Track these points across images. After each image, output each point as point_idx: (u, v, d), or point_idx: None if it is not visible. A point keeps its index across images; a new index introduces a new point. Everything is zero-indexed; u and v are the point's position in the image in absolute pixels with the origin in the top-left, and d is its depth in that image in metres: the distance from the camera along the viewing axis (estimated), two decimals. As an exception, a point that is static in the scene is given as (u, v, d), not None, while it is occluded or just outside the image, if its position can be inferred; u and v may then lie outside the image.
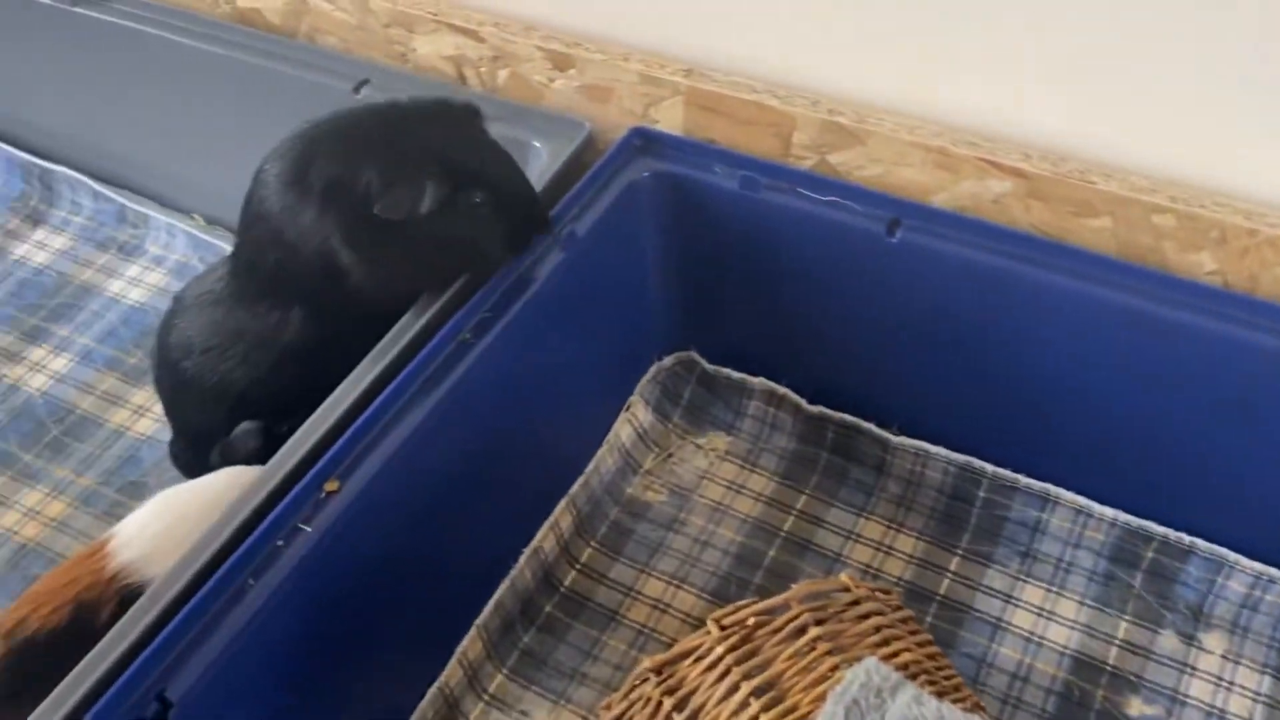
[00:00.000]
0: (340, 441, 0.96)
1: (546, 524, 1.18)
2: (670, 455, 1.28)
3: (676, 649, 0.87)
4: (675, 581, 1.18)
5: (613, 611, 1.16)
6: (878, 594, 0.93)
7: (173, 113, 1.53)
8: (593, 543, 1.21)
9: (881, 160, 1.14)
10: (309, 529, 0.92)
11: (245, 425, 1.10)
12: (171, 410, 1.23)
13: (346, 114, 1.07)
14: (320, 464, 0.94)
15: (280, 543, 0.91)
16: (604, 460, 1.24)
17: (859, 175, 1.17)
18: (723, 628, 0.87)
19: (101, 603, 0.97)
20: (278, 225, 1.04)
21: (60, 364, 1.44)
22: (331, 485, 0.94)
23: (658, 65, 1.22)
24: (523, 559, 1.15)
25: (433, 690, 1.07)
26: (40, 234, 1.62)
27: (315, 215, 1.02)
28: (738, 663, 0.84)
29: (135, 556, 0.98)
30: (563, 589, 1.18)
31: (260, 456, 1.05)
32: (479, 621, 1.11)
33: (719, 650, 0.85)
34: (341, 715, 1.01)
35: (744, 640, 0.86)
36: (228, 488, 1.01)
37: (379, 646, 1.03)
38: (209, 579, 0.87)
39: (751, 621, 0.86)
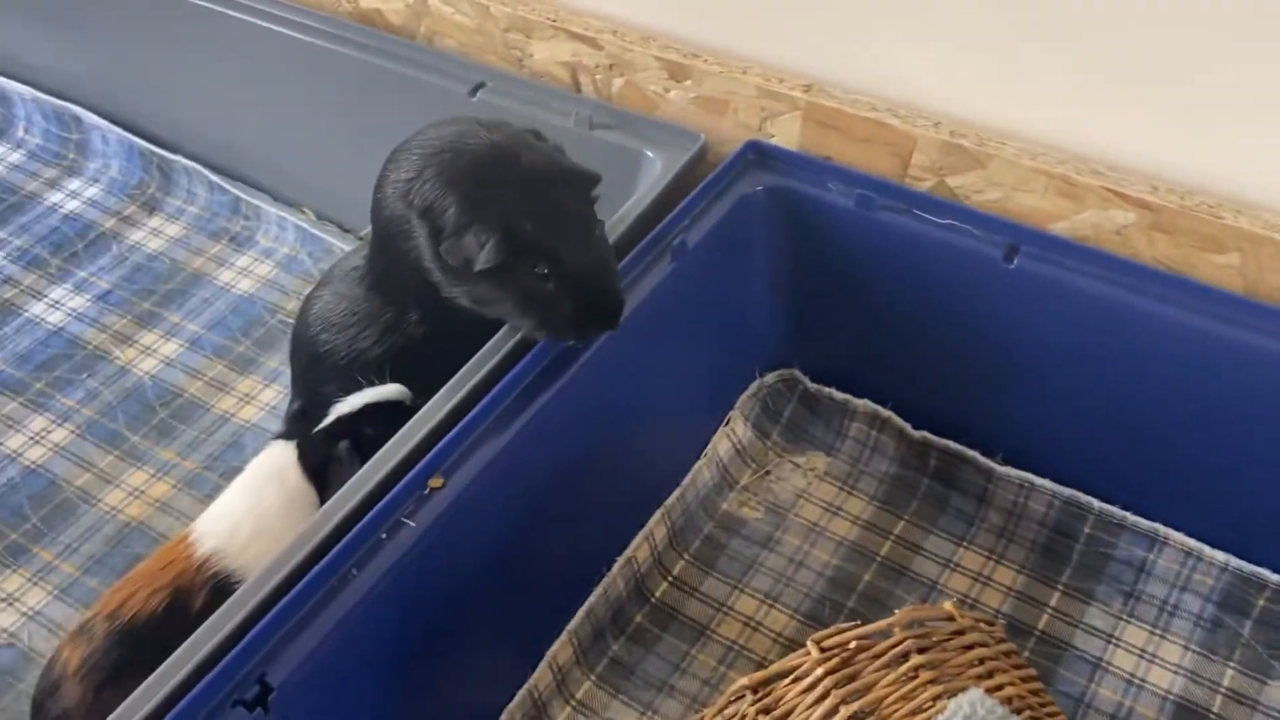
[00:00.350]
0: (446, 439, 0.96)
1: (641, 534, 1.18)
2: (768, 473, 1.27)
3: (774, 668, 0.86)
4: (768, 600, 1.17)
5: (703, 626, 1.15)
6: (981, 625, 0.91)
7: (290, 107, 1.55)
8: (685, 555, 1.21)
9: (1002, 185, 1.12)
10: (412, 524, 0.92)
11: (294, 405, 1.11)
12: (302, 380, 1.23)
13: (463, 134, 1.04)
14: (425, 460, 0.95)
15: (384, 535, 0.91)
16: (701, 474, 1.24)
17: (978, 199, 1.15)
18: (823, 649, 0.85)
19: (195, 590, 0.99)
20: (390, 229, 1.06)
21: (170, 349, 1.47)
22: (436, 482, 0.95)
23: (776, 79, 1.21)
24: (616, 567, 1.15)
25: (522, 692, 1.07)
26: (155, 221, 1.66)
27: (414, 229, 1.03)
28: (837, 686, 0.83)
29: (217, 546, 1.01)
30: (653, 600, 1.18)
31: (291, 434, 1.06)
32: (570, 627, 1.10)
33: (818, 672, 0.83)
34: (433, 709, 1.01)
35: (844, 663, 0.84)
36: (270, 461, 1.04)
37: (472, 644, 1.03)
38: (313, 566, 0.88)
39: (853, 645, 0.84)
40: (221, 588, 0.97)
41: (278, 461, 1.03)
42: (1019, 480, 1.19)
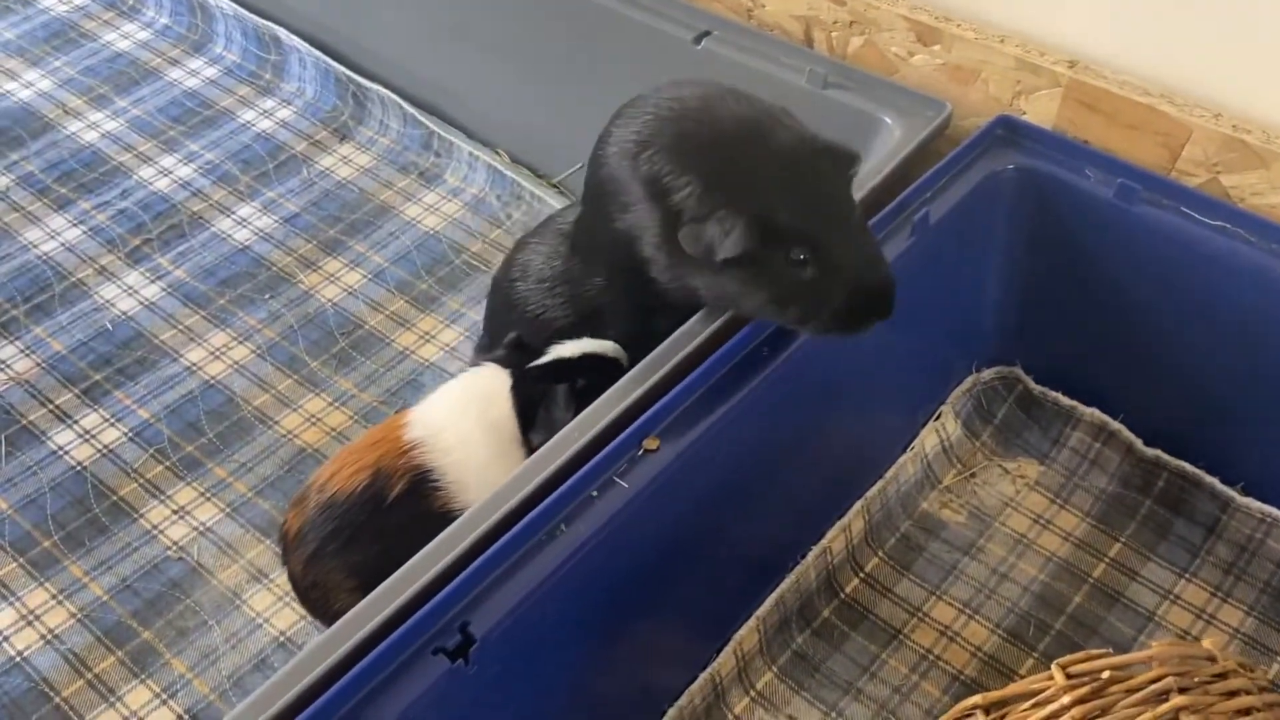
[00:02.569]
0: (667, 398, 0.90)
1: (839, 524, 1.10)
2: (973, 475, 1.18)
3: (1012, 689, 0.78)
4: (968, 611, 1.09)
5: (896, 630, 1.08)
6: (1243, 669, 0.82)
7: (496, 43, 1.51)
8: (880, 553, 1.13)
9: (1287, 189, 1.02)
10: (624, 484, 0.86)
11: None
12: (492, 320, 1.19)
13: (710, 102, 0.93)
14: (643, 419, 0.89)
15: (594, 493, 0.86)
16: (905, 468, 1.16)
17: (1255, 202, 1.04)
18: (1070, 675, 0.77)
19: (395, 475, 0.95)
20: (604, 188, 0.97)
21: (353, 278, 1.44)
22: (652, 443, 0.89)
23: (1037, 52, 1.12)
24: (810, 556, 1.08)
25: (704, 675, 1.00)
26: (346, 149, 1.63)
27: (635, 200, 0.94)
28: (1086, 718, 0.75)
29: (423, 437, 0.96)
30: (843, 595, 1.10)
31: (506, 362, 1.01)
32: (759, 613, 1.04)
33: (1065, 700, 0.75)
34: (619, 680, 0.96)
35: (1095, 694, 0.76)
36: (481, 383, 0.99)
37: (663, 616, 0.97)
38: (522, 517, 0.82)
39: (1106, 675, 0.76)
40: (420, 480, 0.94)
41: (488, 385, 0.98)
42: (1260, 514, 1.09)
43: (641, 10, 1.32)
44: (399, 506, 0.94)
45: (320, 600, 0.98)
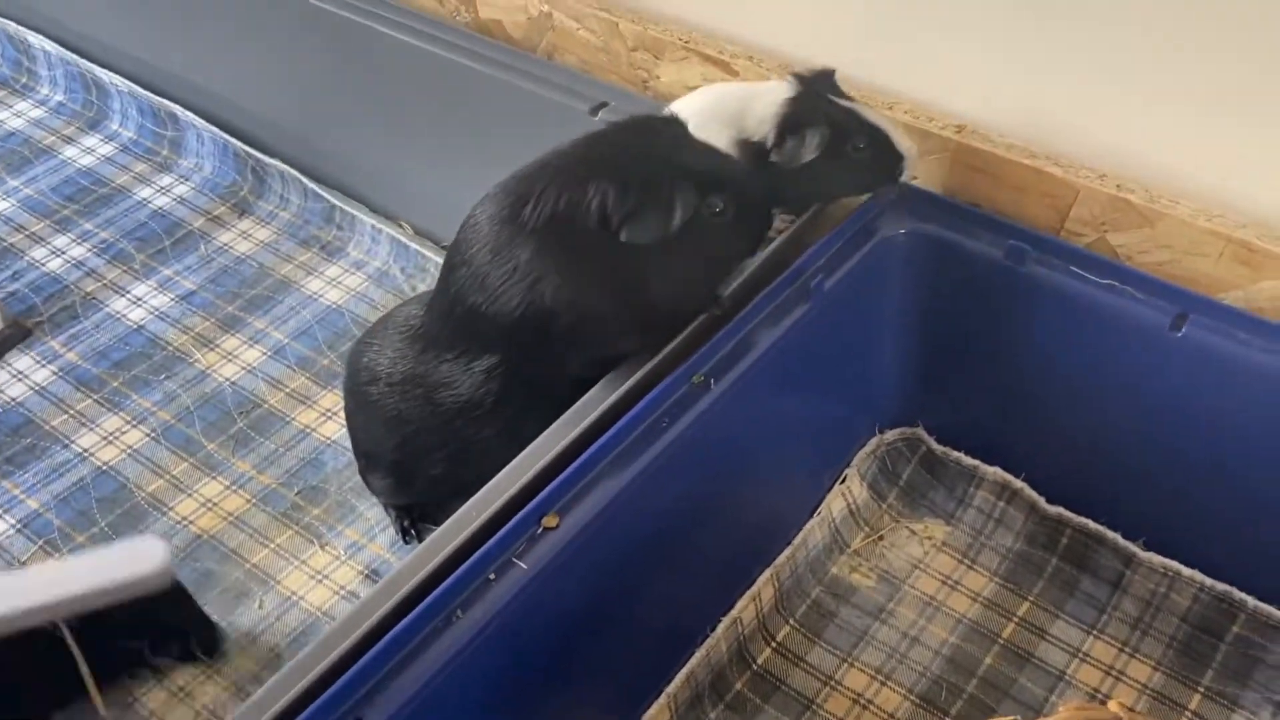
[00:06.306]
0: (564, 474, 0.88)
1: (748, 594, 1.09)
2: (881, 538, 1.18)
3: (921, 760, 0.77)
4: (879, 677, 1.08)
5: (809, 700, 1.06)
6: (1148, 731, 0.82)
7: (396, 116, 1.50)
8: (791, 621, 1.12)
9: (1171, 247, 1.04)
10: (523, 564, 0.84)
11: None
12: (349, 421, 1.17)
13: (555, 149, 0.97)
14: (541, 496, 0.87)
15: (492, 576, 0.83)
16: (813, 533, 1.15)
17: (1142, 260, 1.06)
18: (977, 744, 0.76)
19: None
20: (481, 268, 0.95)
21: (252, 356, 1.41)
22: (550, 521, 0.87)
23: (926, 117, 1.13)
24: (720, 628, 1.06)
25: (614, 758, 0.98)
26: (245, 224, 1.60)
27: (527, 255, 0.93)
28: (993, 788, 0.74)
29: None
30: (755, 666, 1.09)
31: None
32: (669, 690, 1.02)
33: (973, 770, 0.75)
34: (525, 771, 0.93)
35: (1002, 762, 0.75)
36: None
37: (569, 699, 0.94)
38: (416, 604, 0.80)
39: (1013, 743, 0.76)
40: None
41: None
42: (1162, 569, 1.10)
43: (540, 84, 1.32)
44: None
45: None
